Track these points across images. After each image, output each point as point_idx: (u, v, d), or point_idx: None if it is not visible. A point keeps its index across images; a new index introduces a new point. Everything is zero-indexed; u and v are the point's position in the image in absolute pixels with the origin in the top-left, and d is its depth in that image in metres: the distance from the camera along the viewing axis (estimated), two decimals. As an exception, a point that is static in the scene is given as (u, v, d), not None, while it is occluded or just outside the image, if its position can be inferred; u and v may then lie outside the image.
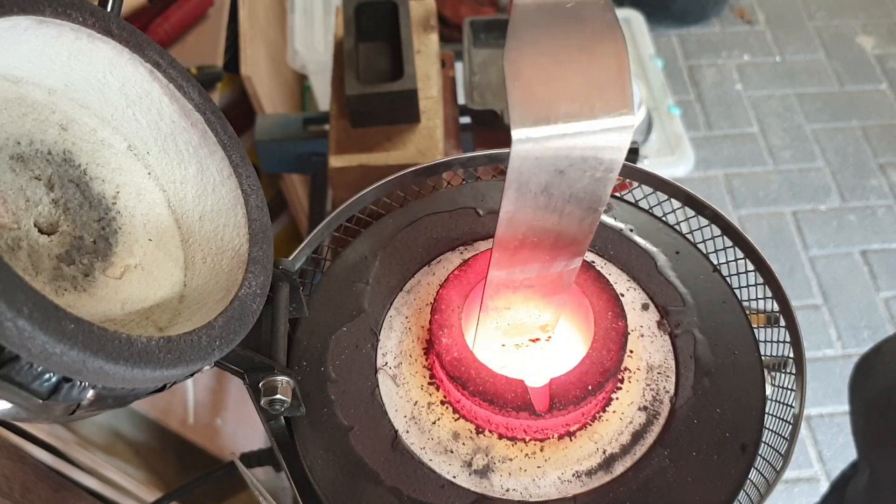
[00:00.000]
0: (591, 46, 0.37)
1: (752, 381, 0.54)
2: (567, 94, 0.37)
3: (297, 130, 1.14)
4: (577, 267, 0.48)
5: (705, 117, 2.04)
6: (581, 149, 0.38)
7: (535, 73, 0.37)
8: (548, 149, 0.37)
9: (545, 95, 0.37)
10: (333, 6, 1.51)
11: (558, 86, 0.37)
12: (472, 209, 0.64)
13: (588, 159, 0.39)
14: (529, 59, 0.37)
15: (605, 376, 0.50)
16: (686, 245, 0.62)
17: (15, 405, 0.35)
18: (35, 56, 0.43)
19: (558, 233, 0.44)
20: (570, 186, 0.40)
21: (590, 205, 0.42)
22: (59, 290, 0.42)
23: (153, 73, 0.48)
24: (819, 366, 1.62)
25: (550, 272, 0.48)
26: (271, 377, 0.48)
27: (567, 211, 0.42)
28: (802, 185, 1.91)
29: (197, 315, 0.46)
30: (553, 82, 0.37)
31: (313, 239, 0.61)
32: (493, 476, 0.50)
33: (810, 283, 1.75)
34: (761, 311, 0.60)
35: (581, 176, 0.40)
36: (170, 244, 0.50)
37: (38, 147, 0.45)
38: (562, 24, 0.37)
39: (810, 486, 1.49)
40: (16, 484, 0.70)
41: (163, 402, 1.04)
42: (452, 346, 0.51)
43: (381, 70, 0.93)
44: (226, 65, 1.24)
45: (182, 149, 0.50)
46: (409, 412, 0.53)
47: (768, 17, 2.28)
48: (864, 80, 2.12)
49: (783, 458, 0.50)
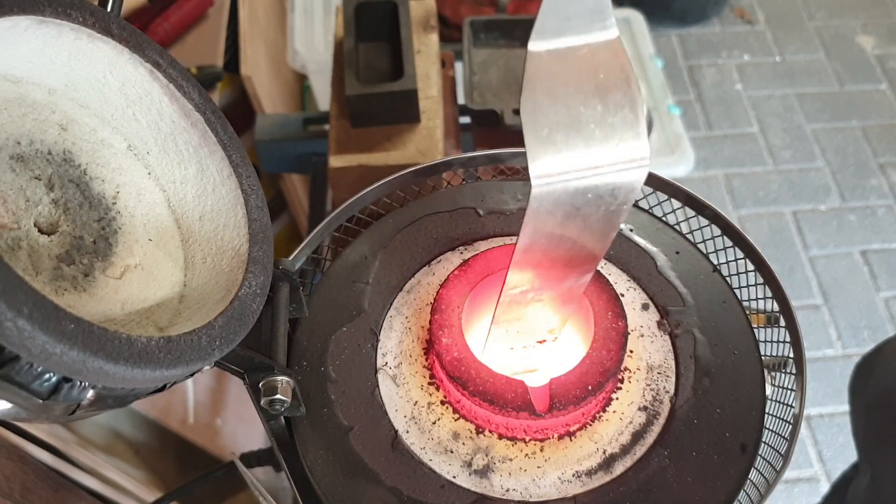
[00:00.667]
0: (605, 92, 0.38)
1: (752, 381, 0.54)
2: (583, 139, 0.38)
3: (297, 130, 1.14)
4: (587, 280, 0.49)
5: (705, 117, 2.04)
6: (597, 188, 0.39)
7: (552, 120, 0.38)
8: (565, 191, 0.39)
9: (562, 142, 0.38)
10: (333, 6, 1.51)
11: (574, 132, 0.38)
12: (472, 209, 0.64)
13: (604, 196, 0.40)
14: (545, 106, 0.38)
15: (605, 376, 0.50)
16: (686, 245, 0.62)
17: (15, 405, 0.35)
18: (35, 56, 0.43)
19: (571, 256, 0.45)
20: (585, 219, 0.42)
21: (604, 232, 0.43)
22: (59, 290, 0.42)
23: (153, 73, 0.48)
24: (819, 366, 1.62)
25: (562, 287, 0.49)
26: (271, 377, 0.48)
27: (581, 239, 0.44)
28: (802, 185, 1.91)
29: (197, 315, 0.46)
30: (569, 129, 0.38)
31: (313, 239, 0.61)
32: (493, 476, 0.50)
33: (810, 283, 1.75)
34: (761, 311, 0.60)
35: (596, 210, 0.41)
36: (170, 244, 0.50)
37: (38, 147, 0.45)
38: (576, 71, 0.38)
39: (810, 486, 1.49)
40: (16, 484, 0.70)
41: (163, 402, 1.04)
42: (452, 346, 0.51)
43: (381, 70, 0.93)
44: (226, 65, 1.24)
45: (182, 149, 0.50)
46: (409, 412, 0.53)
47: (768, 17, 2.28)
48: (864, 80, 2.12)
49: (783, 458, 0.50)
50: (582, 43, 0.38)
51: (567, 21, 0.38)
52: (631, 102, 0.38)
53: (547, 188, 0.38)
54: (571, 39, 0.38)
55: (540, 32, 0.38)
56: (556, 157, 0.38)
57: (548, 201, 0.39)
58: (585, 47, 0.38)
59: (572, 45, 0.38)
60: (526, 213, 0.40)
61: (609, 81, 0.38)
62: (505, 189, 0.66)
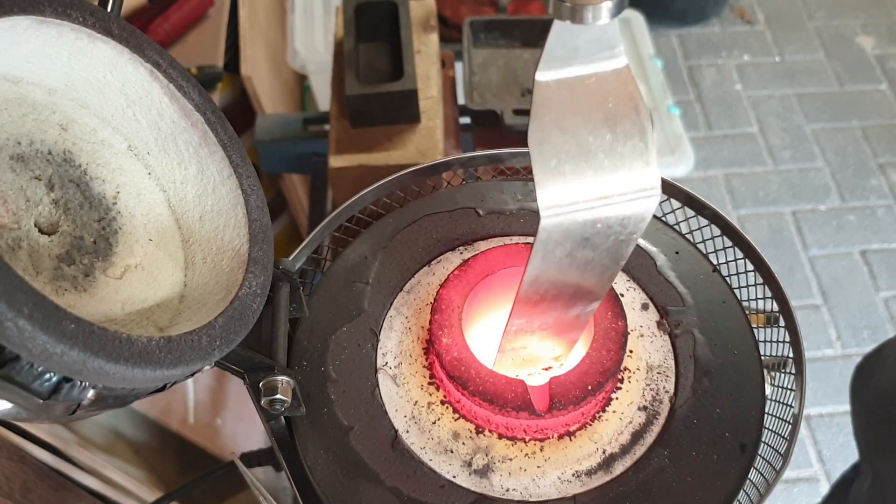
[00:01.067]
0: (614, 120, 0.38)
1: (752, 381, 0.54)
2: (592, 169, 0.38)
3: (297, 130, 1.14)
4: (595, 308, 0.49)
5: (705, 117, 2.04)
6: (607, 218, 0.39)
7: (560, 150, 0.37)
8: (574, 222, 0.39)
9: (571, 172, 0.37)
10: (333, 6, 1.51)
11: (583, 161, 0.38)
12: (472, 209, 0.64)
13: (613, 226, 0.40)
14: (554, 137, 0.37)
15: (605, 376, 0.50)
16: (686, 245, 0.62)
17: (15, 405, 0.35)
18: (35, 56, 0.43)
19: (578, 285, 0.45)
20: (594, 249, 0.41)
21: (612, 261, 0.43)
22: (60, 290, 0.42)
23: (153, 73, 0.48)
24: (819, 366, 1.62)
25: (568, 316, 0.49)
26: (271, 377, 0.48)
27: (589, 268, 0.43)
28: (802, 185, 1.91)
29: (197, 315, 0.46)
30: (578, 159, 0.38)
31: (313, 239, 0.61)
32: (493, 476, 0.50)
33: (810, 283, 1.75)
34: (761, 311, 0.60)
35: (605, 240, 0.41)
36: (170, 244, 0.50)
37: (39, 147, 0.45)
38: (585, 100, 0.38)
39: (810, 485, 1.49)
40: (16, 483, 0.70)
41: (163, 402, 1.04)
42: (452, 346, 0.51)
43: (381, 70, 0.93)
44: (226, 65, 1.24)
45: (182, 149, 0.50)
46: (409, 412, 0.53)
47: (768, 17, 2.28)
48: (864, 80, 2.12)
49: (783, 458, 0.50)
50: (590, 72, 0.38)
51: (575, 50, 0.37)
52: (640, 131, 0.38)
53: (556, 219, 0.38)
54: (580, 69, 0.38)
55: (548, 62, 0.37)
56: (565, 188, 0.37)
57: (556, 232, 0.39)
58: (594, 76, 0.38)
59: (581, 74, 0.38)
60: (534, 244, 0.40)
61: (618, 110, 0.38)
62: (505, 189, 0.66)
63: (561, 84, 0.38)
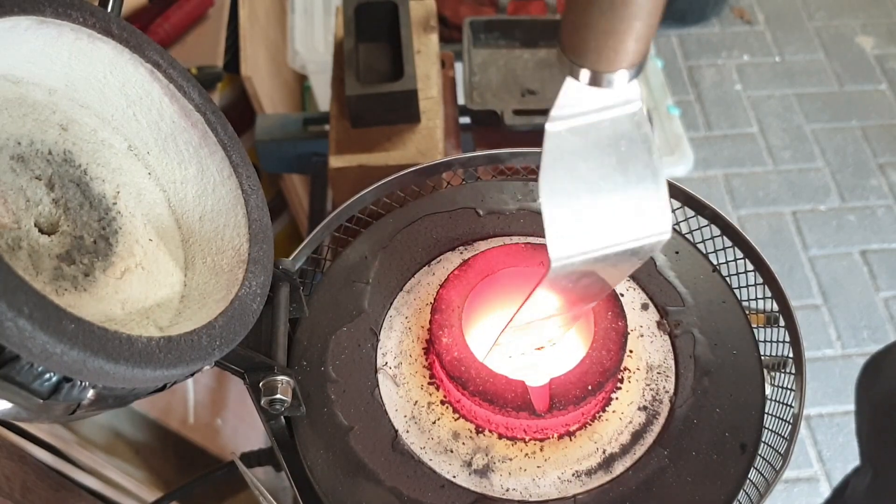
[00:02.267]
0: (626, 163, 0.37)
1: (752, 381, 0.54)
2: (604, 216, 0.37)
3: (297, 130, 1.14)
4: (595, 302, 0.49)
5: (705, 117, 2.04)
6: (616, 255, 0.39)
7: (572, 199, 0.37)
8: (584, 262, 0.38)
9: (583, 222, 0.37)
10: (333, 6, 1.51)
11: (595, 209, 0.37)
12: (471, 209, 0.64)
13: (622, 259, 0.40)
14: (566, 187, 0.37)
15: (605, 376, 0.50)
16: (686, 245, 0.62)
17: (15, 405, 0.35)
18: (35, 56, 0.43)
19: (581, 297, 0.46)
20: (602, 272, 0.41)
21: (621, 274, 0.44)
22: (60, 290, 0.42)
23: (153, 74, 0.48)
24: (819, 366, 1.62)
25: (568, 315, 0.50)
26: (271, 377, 0.48)
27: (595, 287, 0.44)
28: (802, 185, 1.91)
29: (197, 315, 0.46)
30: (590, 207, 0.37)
31: (313, 239, 0.61)
32: (493, 476, 0.50)
33: (810, 283, 1.74)
34: (761, 311, 0.60)
35: (614, 267, 0.41)
36: (170, 244, 0.50)
37: (39, 147, 0.45)
38: (596, 145, 0.37)
39: (810, 485, 1.49)
40: (16, 484, 0.70)
41: (163, 402, 1.04)
42: (452, 346, 0.51)
43: (381, 70, 0.93)
44: (226, 65, 1.24)
45: (182, 149, 0.50)
46: (409, 412, 0.53)
47: (768, 17, 2.28)
48: (864, 80, 2.12)
49: (783, 458, 0.50)
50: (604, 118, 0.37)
51: (590, 106, 0.36)
52: (653, 173, 0.37)
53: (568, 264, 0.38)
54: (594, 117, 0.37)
55: (560, 115, 0.36)
56: (577, 238, 0.37)
57: (565, 272, 0.39)
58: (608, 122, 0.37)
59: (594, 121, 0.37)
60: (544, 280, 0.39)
61: (631, 152, 0.37)
62: (505, 189, 0.66)
63: (573, 132, 0.37)
